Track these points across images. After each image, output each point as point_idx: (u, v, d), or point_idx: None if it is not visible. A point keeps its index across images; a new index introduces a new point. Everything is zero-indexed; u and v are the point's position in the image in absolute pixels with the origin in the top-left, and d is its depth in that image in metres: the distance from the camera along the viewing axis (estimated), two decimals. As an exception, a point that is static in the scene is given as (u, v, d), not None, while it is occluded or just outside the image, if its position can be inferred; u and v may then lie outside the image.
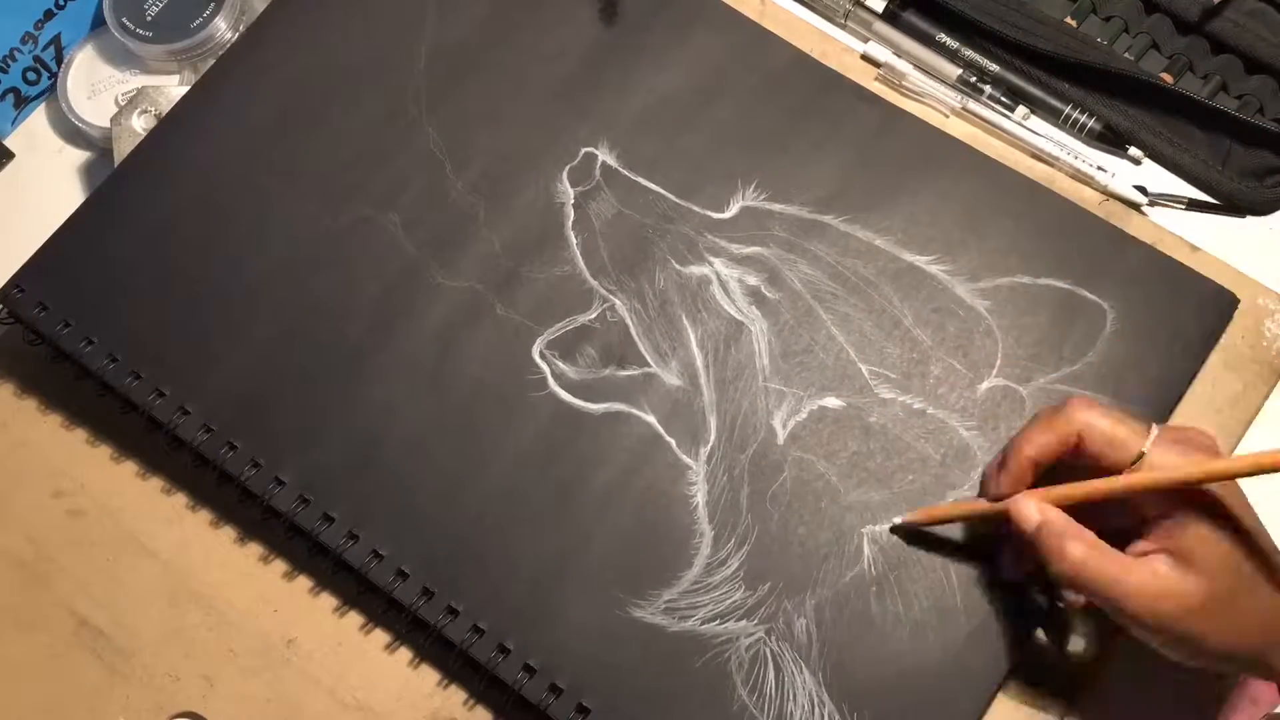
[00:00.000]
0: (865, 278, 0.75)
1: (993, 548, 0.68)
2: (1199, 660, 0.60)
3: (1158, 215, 0.80)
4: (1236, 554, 0.59)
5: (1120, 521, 0.61)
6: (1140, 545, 0.60)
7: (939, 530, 0.69)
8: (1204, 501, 0.59)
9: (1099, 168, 0.80)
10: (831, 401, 0.72)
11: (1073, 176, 0.80)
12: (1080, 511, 0.61)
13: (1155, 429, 0.61)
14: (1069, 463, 0.63)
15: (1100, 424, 0.62)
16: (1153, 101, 0.83)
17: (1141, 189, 0.80)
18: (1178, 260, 0.76)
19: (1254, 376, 0.74)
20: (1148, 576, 0.58)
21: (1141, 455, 0.60)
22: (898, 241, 0.76)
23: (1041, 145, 0.81)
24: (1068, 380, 0.72)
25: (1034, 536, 0.61)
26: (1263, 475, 0.57)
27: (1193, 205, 0.81)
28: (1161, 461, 0.60)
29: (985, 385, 0.72)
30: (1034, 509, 0.62)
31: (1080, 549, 0.59)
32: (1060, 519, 0.61)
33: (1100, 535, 0.60)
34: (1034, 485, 0.64)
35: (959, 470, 0.70)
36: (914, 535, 0.69)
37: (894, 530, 0.69)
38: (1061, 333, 0.73)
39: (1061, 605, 0.68)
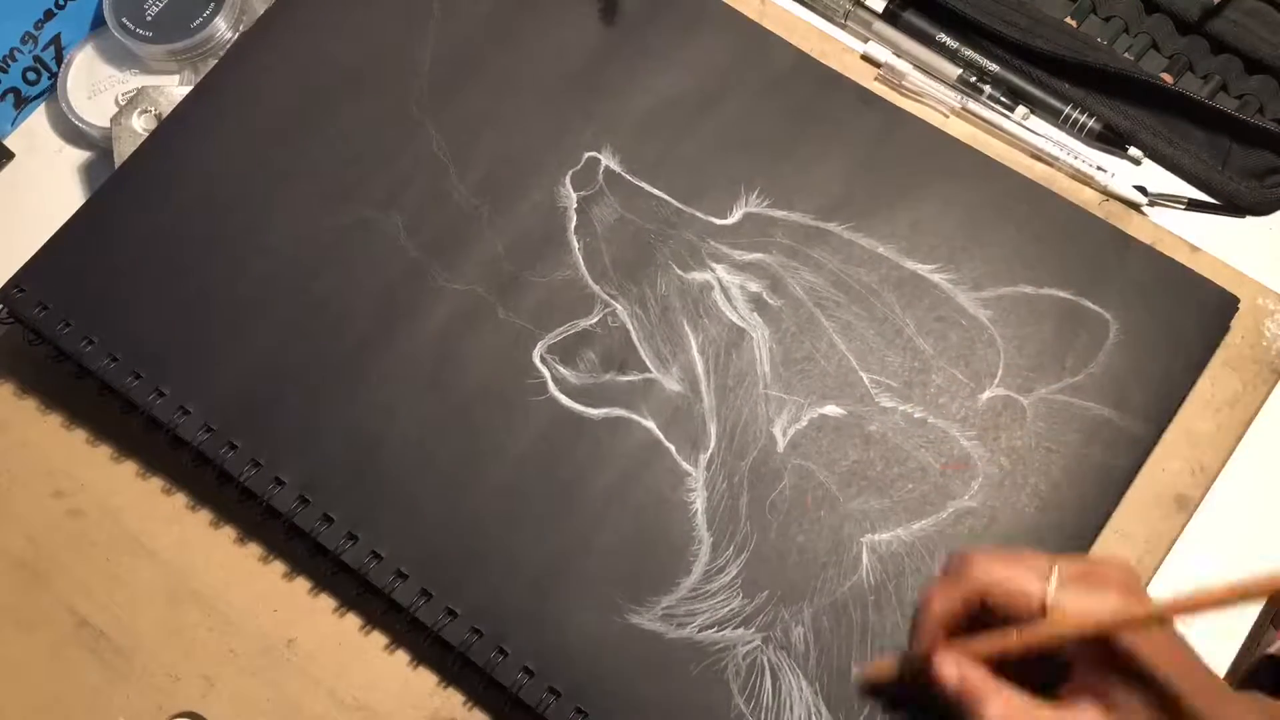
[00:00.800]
0: (868, 285, 0.75)
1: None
2: None
3: (1158, 215, 0.80)
4: (1163, 695, 0.56)
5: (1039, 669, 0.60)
6: (1069, 687, 0.59)
7: (937, 540, 0.69)
8: (1126, 646, 0.57)
9: (1099, 168, 0.80)
10: (832, 410, 0.72)
11: (1073, 177, 0.80)
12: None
13: (1055, 570, 0.58)
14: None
15: (999, 578, 0.59)
16: (1153, 101, 0.83)
17: (1141, 189, 0.80)
18: (1178, 262, 0.76)
19: (1254, 376, 0.75)
20: None
21: (1044, 603, 0.58)
22: (900, 249, 0.76)
23: (1041, 145, 0.81)
24: (1070, 391, 0.72)
25: (956, 696, 0.59)
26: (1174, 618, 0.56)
27: (1193, 205, 0.81)
28: (1068, 607, 0.57)
29: (987, 395, 0.72)
30: (952, 667, 0.60)
31: (1002, 708, 0.58)
32: (978, 678, 0.59)
33: (1030, 670, 0.59)
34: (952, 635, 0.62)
35: (959, 480, 0.71)
36: (912, 546, 0.69)
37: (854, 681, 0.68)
38: (1064, 343, 0.73)
39: None
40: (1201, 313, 0.75)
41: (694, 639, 0.68)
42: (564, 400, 0.73)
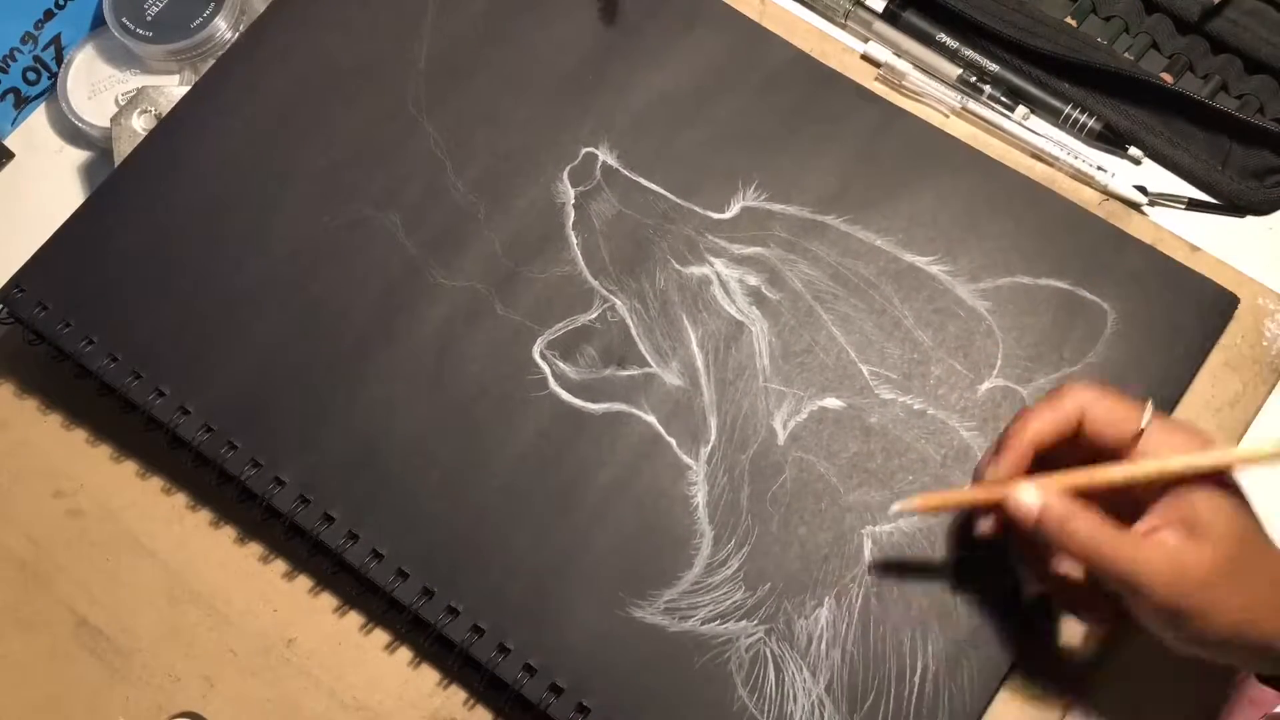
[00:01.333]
0: (866, 278, 0.75)
1: (989, 550, 0.67)
2: (1207, 645, 0.59)
3: (1158, 215, 0.80)
4: (1241, 521, 0.58)
5: (1118, 504, 0.61)
6: (1146, 522, 0.60)
7: (938, 531, 0.69)
8: (1207, 480, 0.59)
9: (1099, 167, 0.80)
10: (832, 402, 0.72)
11: (1073, 176, 0.80)
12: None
13: (1150, 406, 0.60)
14: (1062, 453, 0.62)
15: (1101, 402, 0.61)
16: (1153, 101, 0.83)
17: (1141, 189, 0.80)
18: (1178, 260, 0.76)
19: (1254, 376, 0.75)
20: (1157, 550, 0.58)
21: (1141, 433, 0.60)
22: (898, 242, 0.76)
23: (1041, 145, 0.81)
24: (1068, 380, 0.72)
25: (1036, 524, 0.60)
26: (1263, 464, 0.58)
27: (1193, 205, 0.81)
28: (1161, 440, 0.60)
29: (986, 386, 0.72)
30: (1033, 494, 0.60)
31: (1086, 528, 0.58)
32: (1060, 502, 0.60)
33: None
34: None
35: (959, 471, 0.70)
36: (914, 537, 0.69)
37: (892, 515, 0.69)
38: (1062, 333, 0.73)
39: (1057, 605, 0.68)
40: (1200, 307, 0.75)
41: (697, 632, 0.68)
42: (564, 396, 0.73)
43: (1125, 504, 0.61)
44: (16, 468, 0.78)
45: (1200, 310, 0.75)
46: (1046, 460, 0.62)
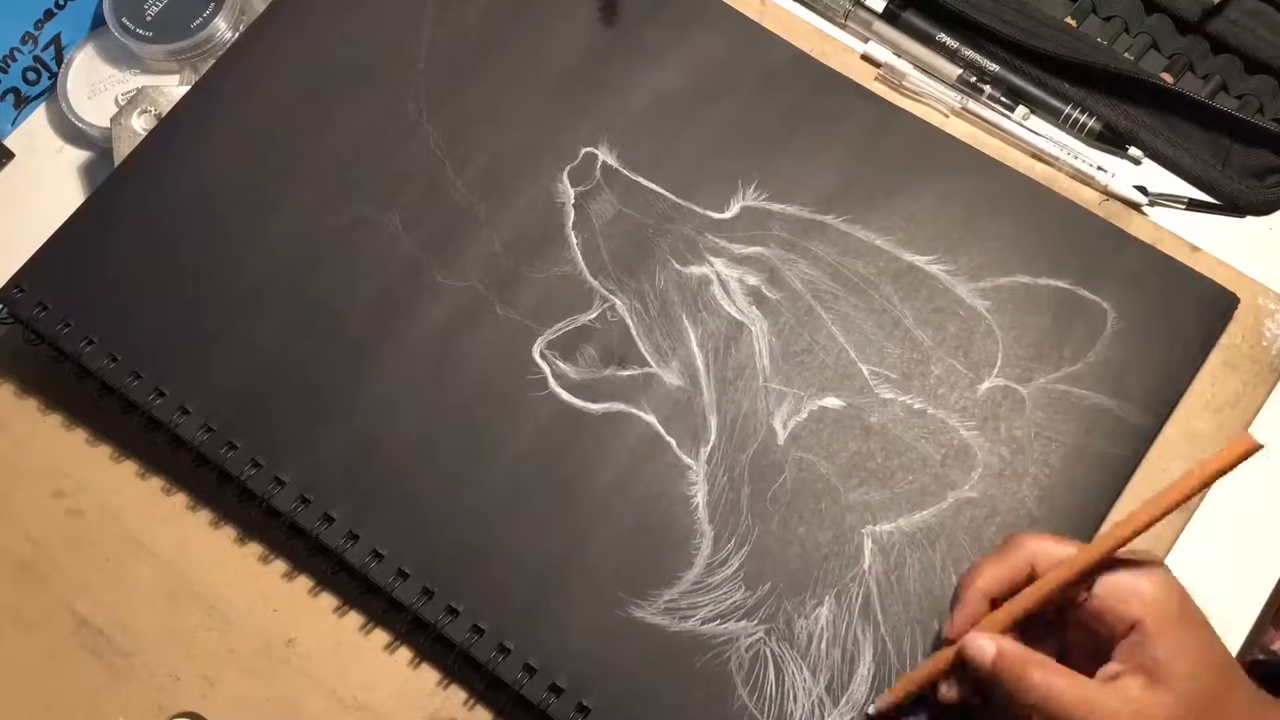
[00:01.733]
0: (865, 278, 0.75)
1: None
2: None
3: (1158, 215, 0.80)
4: (1208, 662, 0.57)
5: (1084, 647, 0.60)
6: (1110, 668, 0.58)
7: (938, 531, 0.69)
8: (1165, 614, 0.57)
9: (1099, 168, 0.80)
10: (832, 402, 0.72)
11: (1073, 176, 0.80)
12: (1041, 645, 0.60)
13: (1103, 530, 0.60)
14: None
15: (1050, 550, 0.60)
16: (1153, 101, 0.83)
17: (1141, 189, 0.80)
18: (1178, 260, 0.76)
19: (1254, 376, 0.74)
20: (1119, 700, 0.56)
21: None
22: (898, 241, 0.76)
23: (1041, 145, 0.81)
24: (1068, 380, 0.72)
25: (992, 670, 0.59)
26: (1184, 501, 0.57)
27: (1193, 205, 0.81)
28: (1112, 577, 0.58)
29: (986, 385, 0.72)
30: (986, 640, 0.59)
31: (1043, 674, 0.58)
32: (1016, 647, 0.59)
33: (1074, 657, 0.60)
34: None
35: (959, 470, 0.70)
36: (914, 536, 0.69)
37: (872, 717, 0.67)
38: (1062, 333, 0.73)
39: None
40: (1200, 306, 0.75)
41: (697, 632, 0.68)
42: (564, 395, 0.73)
43: (1095, 650, 0.60)
44: (16, 468, 0.78)
45: (1200, 310, 0.75)
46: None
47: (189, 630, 0.74)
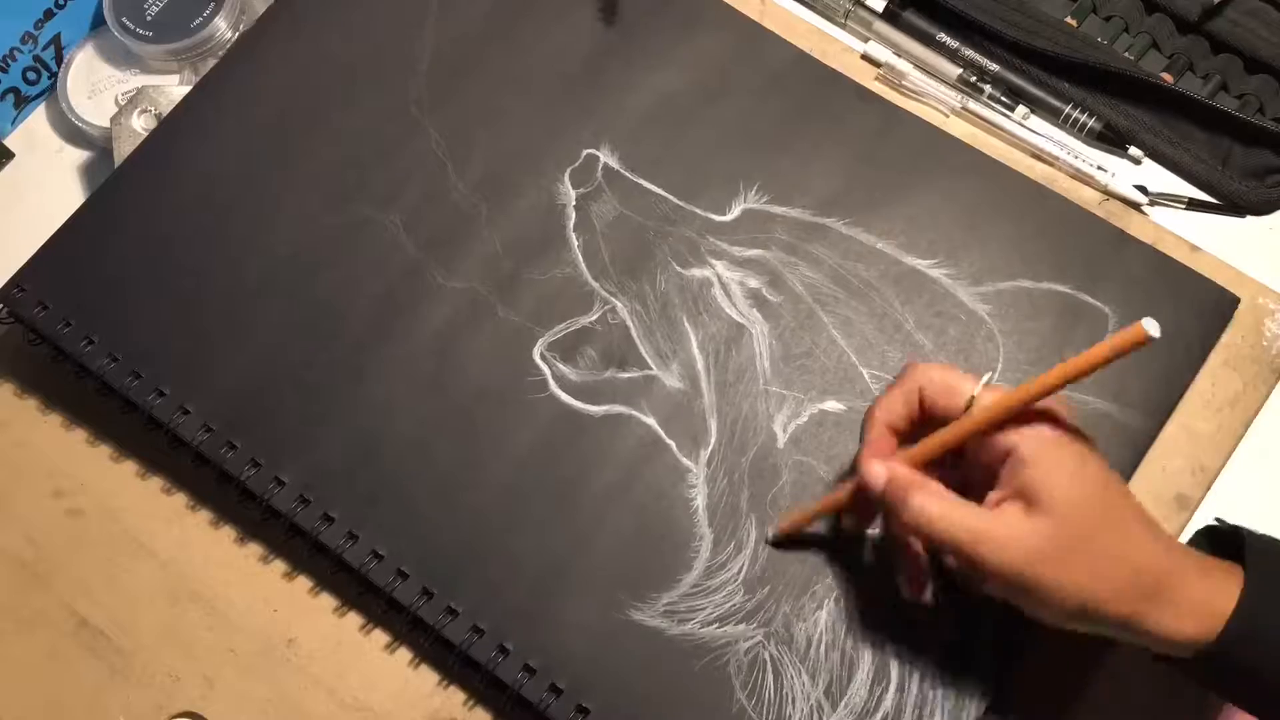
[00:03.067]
0: (867, 281, 0.75)
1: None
2: (1058, 621, 0.58)
3: (1158, 215, 0.80)
4: (1086, 490, 0.57)
5: (979, 479, 0.60)
6: (992, 496, 0.59)
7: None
8: (1039, 438, 0.57)
9: (1099, 167, 0.80)
10: (832, 405, 0.72)
11: (1073, 176, 0.80)
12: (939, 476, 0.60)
13: (986, 376, 0.60)
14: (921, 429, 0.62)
15: (935, 374, 0.61)
16: (1153, 101, 0.83)
17: (1142, 188, 0.80)
18: (1178, 261, 0.76)
19: (1254, 376, 0.75)
20: (996, 523, 0.57)
21: (972, 399, 0.59)
22: (900, 245, 0.76)
23: (1041, 145, 0.81)
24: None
25: (881, 494, 0.60)
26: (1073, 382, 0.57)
27: (1193, 205, 0.81)
28: (989, 402, 0.58)
29: (986, 389, 0.72)
30: (879, 466, 0.60)
31: (924, 498, 0.58)
32: (906, 472, 0.60)
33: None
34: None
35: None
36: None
37: (771, 543, 0.69)
38: (1063, 337, 0.73)
39: None
40: (1200, 309, 0.75)
41: (696, 635, 0.68)
42: (564, 398, 0.73)
43: (989, 480, 0.60)
44: (16, 468, 0.78)
45: (1200, 310, 0.75)
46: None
47: (189, 630, 0.74)
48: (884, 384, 0.72)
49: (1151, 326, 0.53)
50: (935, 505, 0.58)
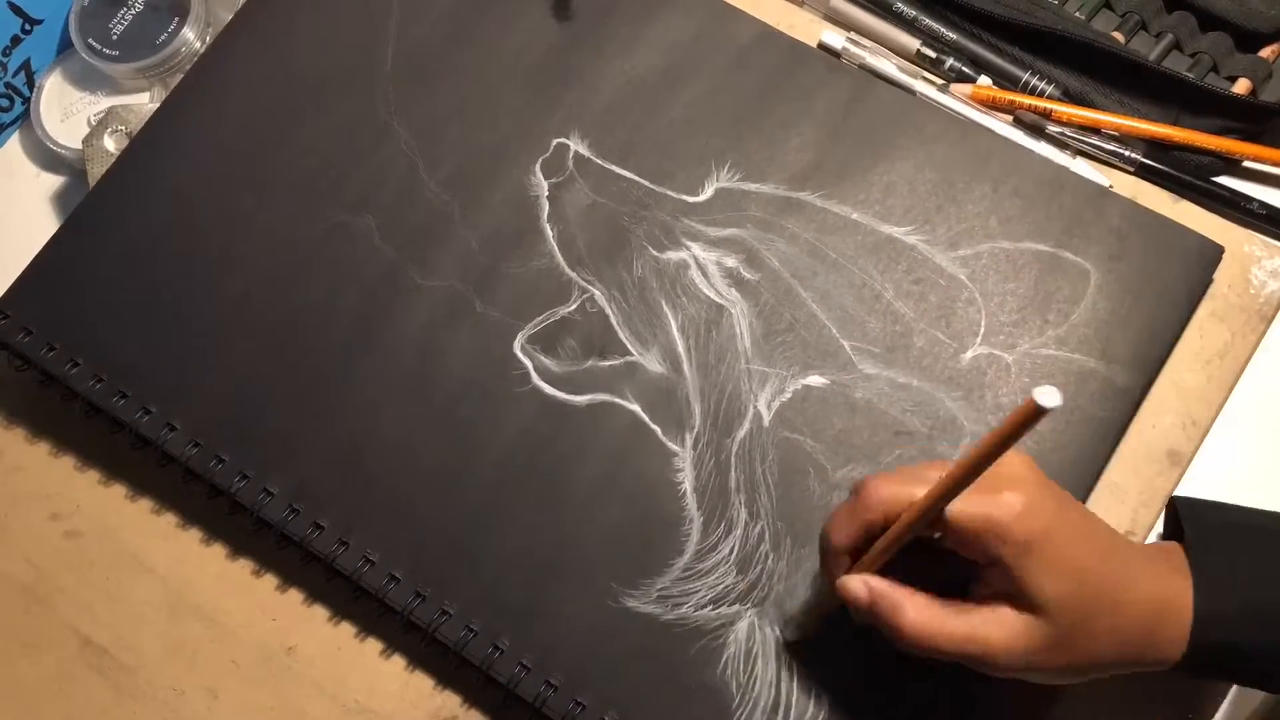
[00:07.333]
0: (844, 252, 0.74)
1: None
2: (1079, 680, 0.59)
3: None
4: (1072, 582, 0.57)
5: (956, 574, 0.60)
6: (980, 590, 0.59)
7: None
8: (1026, 545, 0.56)
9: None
10: (815, 380, 0.72)
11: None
12: (914, 573, 0.60)
13: (943, 475, 0.58)
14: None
15: (889, 496, 0.59)
16: (1104, 66, 0.82)
17: (1114, 153, 0.79)
18: (1159, 214, 0.75)
19: (1242, 325, 0.74)
20: (993, 629, 0.57)
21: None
22: (875, 214, 0.75)
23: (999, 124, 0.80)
24: (1053, 344, 0.71)
25: (870, 612, 0.60)
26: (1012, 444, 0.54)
27: (1142, 171, 0.79)
28: (954, 507, 0.57)
29: (970, 354, 0.72)
30: (860, 585, 0.60)
31: (915, 614, 0.58)
32: (889, 589, 0.59)
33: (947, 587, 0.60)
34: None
35: (946, 442, 0.70)
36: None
37: (789, 646, 0.68)
38: (1045, 296, 0.73)
39: None
40: (1184, 260, 0.74)
41: (690, 619, 0.68)
42: (547, 389, 0.73)
43: (959, 570, 0.60)
44: (12, 493, 0.78)
45: (1185, 262, 0.74)
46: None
47: (191, 644, 0.74)
48: (865, 355, 0.72)
49: (1044, 396, 0.49)
50: (927, 620, 0.58)
